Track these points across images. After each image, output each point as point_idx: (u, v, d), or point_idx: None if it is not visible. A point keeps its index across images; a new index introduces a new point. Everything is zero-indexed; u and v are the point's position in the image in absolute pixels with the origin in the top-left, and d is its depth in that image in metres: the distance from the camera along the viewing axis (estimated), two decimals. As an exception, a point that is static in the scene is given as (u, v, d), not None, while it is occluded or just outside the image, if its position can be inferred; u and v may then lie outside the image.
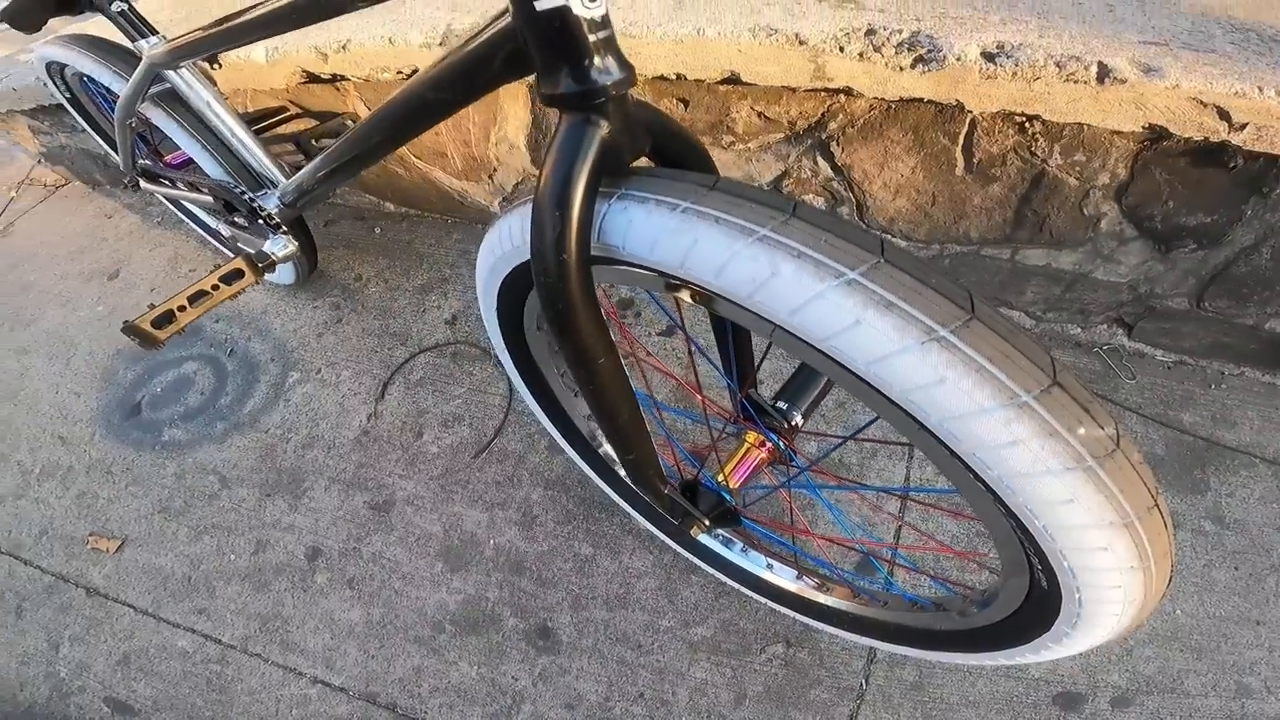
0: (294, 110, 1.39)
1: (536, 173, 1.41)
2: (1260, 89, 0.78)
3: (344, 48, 1.21)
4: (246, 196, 1.08)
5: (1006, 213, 1.08)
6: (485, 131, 1.37)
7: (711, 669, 0.98)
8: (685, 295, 0.50)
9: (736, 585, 1.00)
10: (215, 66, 1.12)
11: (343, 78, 1.32)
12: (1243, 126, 0.81)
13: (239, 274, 0.86)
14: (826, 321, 0.39)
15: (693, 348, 0.68)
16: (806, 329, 0.41)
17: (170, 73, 1.07)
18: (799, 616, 0.95)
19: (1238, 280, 1.04)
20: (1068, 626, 0.50)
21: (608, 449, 0.98)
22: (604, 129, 0.44)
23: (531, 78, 0.48)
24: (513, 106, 1.31)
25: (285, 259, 1.13)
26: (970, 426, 0.39)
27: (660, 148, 0.51)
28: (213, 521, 1.25)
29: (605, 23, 0.42)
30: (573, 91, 0.43)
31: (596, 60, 0.42)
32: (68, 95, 1.51)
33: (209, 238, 1.71)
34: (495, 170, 1.47)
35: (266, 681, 1.07)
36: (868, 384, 0.42)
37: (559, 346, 0.51)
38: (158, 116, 1.15)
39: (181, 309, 0.81)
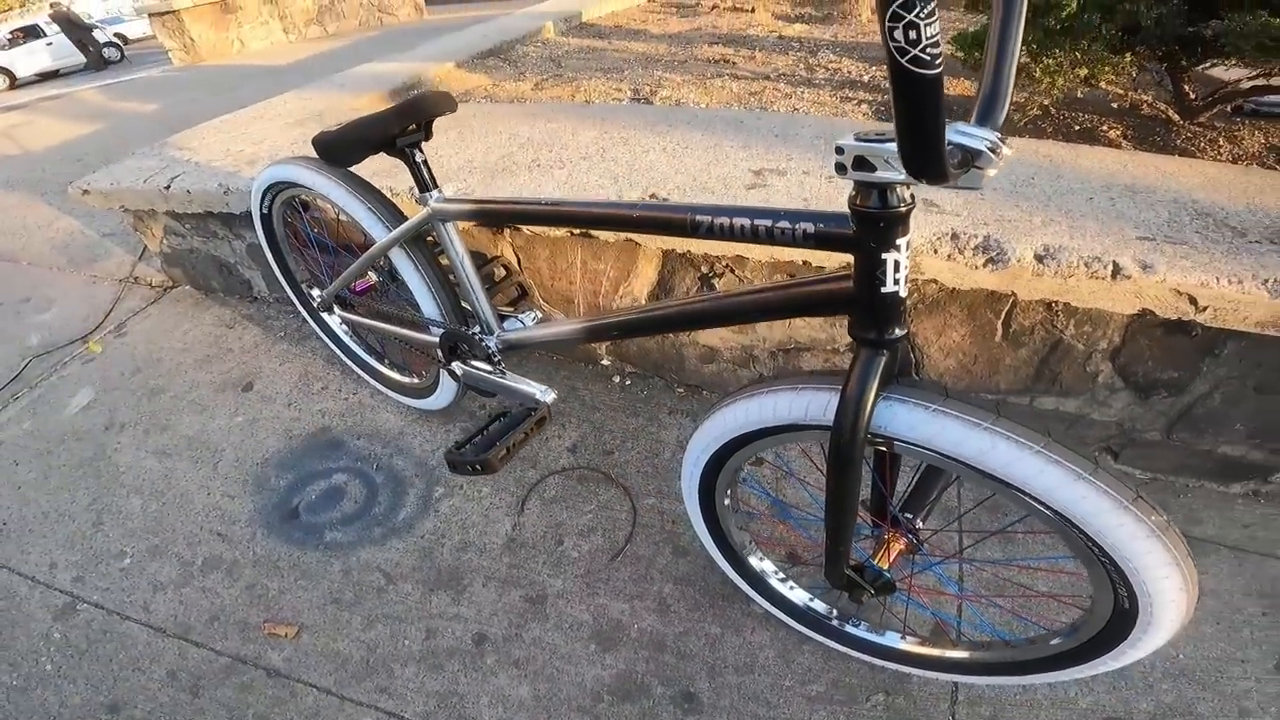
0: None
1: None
2: (1217, 279, 1.07)
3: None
4: (483, 342, 1.31)
5: (1029, 370, 1.43)
6: (616, 285, 1.67)
7: (828, 717, 1.21)
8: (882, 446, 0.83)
9: (845, 650, 1.25)
10: (500, 233, 1.31)
11: (516, 226, 1.56)
12: (1205, 309, 1.12)
13: (544, 420, 1.14)
14: (1026, 472, 0.72)
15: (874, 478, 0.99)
16: (1011, 475, 0.73)
17: (439, 223, 1.21)
18: (910, 670, 1.20)
19: (1197, 418, 1.38)
20: (1141, 632, 0.80)
21: (754, 553, 1.27)
22: (886, 358, 0.76)
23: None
24: (645, 266, 1.62)
25: (552, 405, 1.29)
26: (1100, 519, 0.70)
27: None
28: (383, 612, 1.44)
29: (905, 298, 0.73)
30: (879, 340, 0.74)
31: (898, 322, 0.74)
32: (264, 212, 1.66)
33: (345, 359, 1.91)
34: (616, 320, 1.77)
35: (448, 753, 1.25)
36: (1040, 502, 0.73)
37: (832, 483, 0.82)
38: (398, 256, 1.34)
39: (513, 446, 1.07)
